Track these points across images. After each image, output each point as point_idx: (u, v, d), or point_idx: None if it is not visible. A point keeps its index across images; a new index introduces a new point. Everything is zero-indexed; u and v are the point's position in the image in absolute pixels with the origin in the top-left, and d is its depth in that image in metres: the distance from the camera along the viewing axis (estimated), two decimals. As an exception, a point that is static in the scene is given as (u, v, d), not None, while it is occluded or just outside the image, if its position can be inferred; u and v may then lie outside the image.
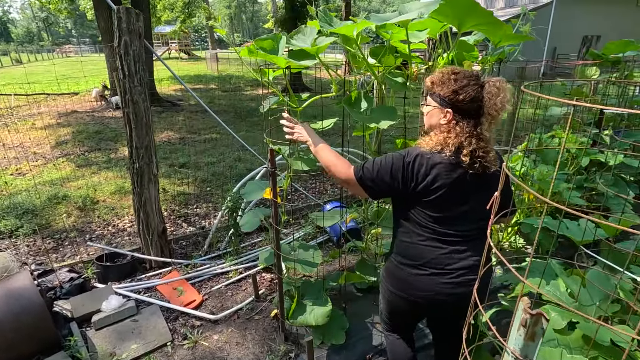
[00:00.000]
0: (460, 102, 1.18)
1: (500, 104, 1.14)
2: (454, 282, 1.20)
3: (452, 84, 1.19)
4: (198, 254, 2.97)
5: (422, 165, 1.18)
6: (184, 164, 5.58)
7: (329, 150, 1.39)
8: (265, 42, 1.48)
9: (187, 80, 13.77)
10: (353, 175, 1.27)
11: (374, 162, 1.26)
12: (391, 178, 1.22)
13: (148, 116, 2.52)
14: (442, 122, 1.23)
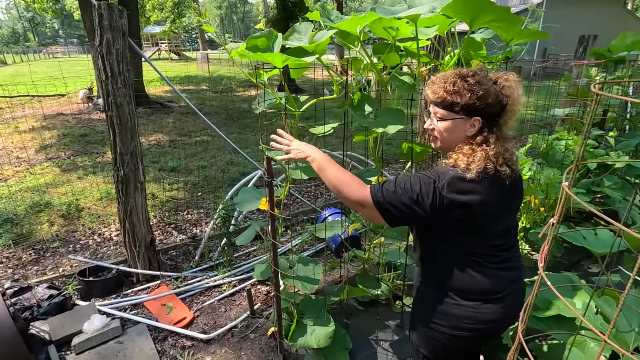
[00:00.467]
0: (490, 106, 1.05)
1: (519, 98, 1.06)
2: (517, 303, 1.12)
3: (477, 89, 1.04)
4: (189, 266, 2.80)
5: (460, 190, 1.00)
6: (174, 168, 5.38)
7: (336, 166, 1.15)
8: (259, 40, 1.34)
9: (177, 82, 13.51)
10: (369, 197, 1.05)
11: (396, 182, 1.06)
12: (417, 204, 1.01)
13: (133, 120, 2.35)
14: (468, 133, 1.08)
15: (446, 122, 1.09)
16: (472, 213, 1.01)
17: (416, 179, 1.04)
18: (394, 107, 1.58)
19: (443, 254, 1.12)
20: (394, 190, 1.04)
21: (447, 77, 1.08)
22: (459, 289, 1.10)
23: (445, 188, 1.00)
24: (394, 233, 2.16)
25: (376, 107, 1.58)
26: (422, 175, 1.05)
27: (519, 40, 1.67)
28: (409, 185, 1.03)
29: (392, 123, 1.47)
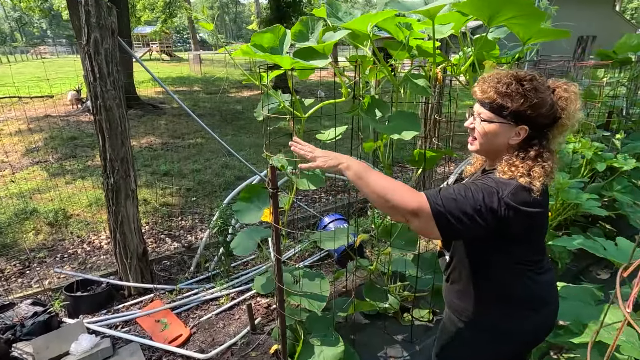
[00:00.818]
0: (542, 116, 0.96)
1: (577, 112, 0.98)
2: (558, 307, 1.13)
3: (532, 95, 0.95)
4: (184, 277, 2.66)
5: (524, 202, 0.92)
6: (167, 172, 5.22)
7: (376, 172, 1.00)
8: (265, 36, 1.21)
9: (169, 83, 13.28)
10: (426, 205, 0.90)
11: (455, 190, 0.93)
12: (479, 214, 0.90)
13: (124, 124, 2.21)
14: (512, 141, 0.99)
15: (490, 125, 1.00)
16: (533, 224, 0.97)
17: (477, 188, 0.93)
18: (407, 111, 1.47)
19: (498, 267, 1.05)
20: (454, 198, 0.91)
21: (501, 77, 0.98)
22: (514, 300, 1.06)
23: (510, 199, 0.91)
24: (402, 242, 2.06)
25: (388, 111, 1.47)
26: (483, 185, 0.94)
27: (538, 39, 1.58)
28: (470, 194, 0.91)
29: (407, 128, 1.36)
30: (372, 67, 1.69)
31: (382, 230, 2.08)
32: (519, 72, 0.99)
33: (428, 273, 2.10)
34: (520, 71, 1.00)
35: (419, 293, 2.15)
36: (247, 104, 10.36)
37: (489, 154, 1.06)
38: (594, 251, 1.61)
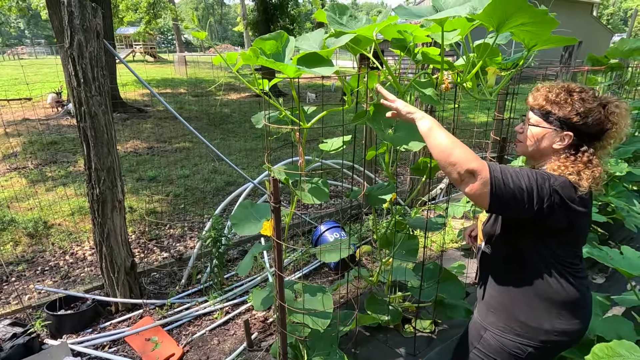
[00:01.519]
0: (588, 126, 1.02)
1: (625, 127, 1.03)
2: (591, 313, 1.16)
3: (578, 105, 1.02)
4: (174, 291, 2.54)
5: (570, 197, 0.98)
6: (154, 178, 5.06)
7: (446, 131, 1.03)
8: (267, 43, 1.14)
9: (153, 85, 13.00)
10: (485, 167, 0.94)
11: (512, 169, 0.98)
12: (530, 193, 0.95)
13: (110, 132, 2.09)
14: (556, 146, 1.06)
15: (537, 129, 1.08)
16: (574, 223, 1.00)
17: (532, 172, 0.98)
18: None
19: (535, 260, 1.08)
20: (512, 173, 0.96)
21: (553, 87, 1.07)
22: (550, 298, 1.08)
23: (559, 188, 0.97)
24: (403, 252, 2.00)
25: (393, 120, 1.41)
26: (537, 171, 0.99)
27: (543, 46, 1.54)
28: (525, 173, 0.97)
29: (414, 139, 1.31)
30: (373, 72, 1.63)
31: (383, 240, 2.02)
32: (570, 84, 1.07)
33: (430, 283, 2.06)
34: (572, 83, 1.07)
35: (421, 304, 2.10)
36: (235, 107, 10.22)
37: (534, 156, 1.12)
38: (602, 261, 1.59)
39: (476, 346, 1.21)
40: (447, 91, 1.44)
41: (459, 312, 2.00)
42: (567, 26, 7.29)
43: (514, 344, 1.12)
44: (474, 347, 1.22)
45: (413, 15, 1.21)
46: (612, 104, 1.03)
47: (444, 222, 1.80)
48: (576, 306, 1.10)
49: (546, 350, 1.12)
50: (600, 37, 21.67)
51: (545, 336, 1.10)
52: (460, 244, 3.09)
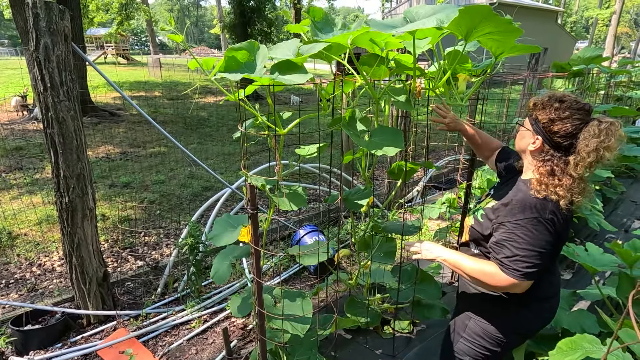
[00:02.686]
0: (553, 133, 1.08)
1: (594, 146, 1.00)
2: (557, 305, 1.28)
3: (551, 111, 1.09)
4: (150, 300, 2.47)
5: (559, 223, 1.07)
6: (128, 184, 4.91)
7: (468, 258, 1.18)
8: (239, 52, 1.13)
9: (126, 88, 12.62)
10: (515, 282, 1.07)
11: (518, 247, 1.07)
12: (545, 250, 1.07)
13: (80, 138, 2.02)
14: (530, 148, 1.14)
15: (522, 128, 1.19)
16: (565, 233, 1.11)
17: (528, 231, 1.06)
18: (391, 127, 1.44)
19: None
20: (523, 256, 1.06)
21: (550, 94, 1.14)
22: (539, 294, 1.19)
23: (555, 219, 1.06)
24: (381, 254, 2.03)
25: (369, 126, 1.44)
26: (529, 220, 1.06)
27: (510, 54, 1.61)
28: (532, 241, 1.06)
29: (389, 144, 1.33)
30: (348, 78, 1.66)
31: (361, 243, 2.05)
32: (563, 93, 1.12)
33: (408, 284, 2.10)
34: (567, 94, 1.11)
35: (399, 305, 2.14)
36: (212, 111, 10.07)
37: (520, 153, 1.23)
38: (570, 256, 1.67)
39: (462, 335, 1.32)
40: (420, 97, 1.49)
41: (435, 312, 2.05)
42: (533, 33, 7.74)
43: (495, 329, 1.25)
44: (460, 336, 1.33)
45: (386, 27, 1.24)
46: (596, 120, 1.03)
47: (420, 226, 1.84)
48: (550, 298, 1.23)
49: (524, 334, 1.28)
50: (565, 44, 22.81)
51: (522, 324, 1.23)
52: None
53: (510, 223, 1.08)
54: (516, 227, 1.07)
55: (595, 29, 37.81)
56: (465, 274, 1.15)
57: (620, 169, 4.73)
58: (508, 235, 1.08)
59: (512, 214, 1.09)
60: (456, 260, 1.18)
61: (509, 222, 1.09)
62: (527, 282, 1.07)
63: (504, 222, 1.11)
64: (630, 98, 5.61)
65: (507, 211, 1.11)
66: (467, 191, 2.39)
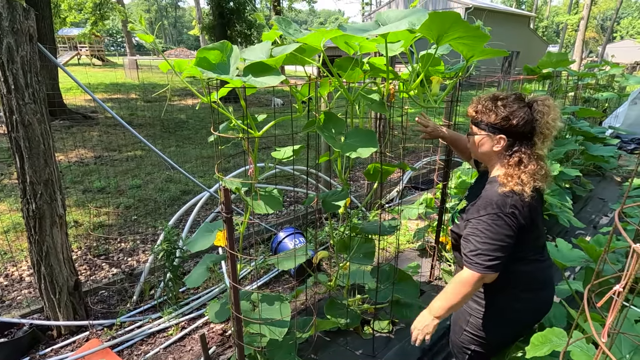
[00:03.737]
0: (515, 127, 1.16)
1: (552, 122, 1.15)
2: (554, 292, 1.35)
3: (501, 110, 1.17)
4: (125, 309, 2.40)
5: (522, 214, 1.15)
6: (102, 189, 4.76)
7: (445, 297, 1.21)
8: (212, 53, 1.12)
9: (102, 90, 12.25)
10: (481, 277, 1.15)
11: (480, 242, 1.14)
12: (507, 243, 1.14)
13: (48, 141, 1.94)
14: (495, 149, 1.21)
15: (476, 137, 1.24)
16: (533, 222, 1.18)
17: (489, 226, 1.13)
18: (363, 128, 1.46)
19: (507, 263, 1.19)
20: (485, 250, 1.13)
21: (482, 98, 1.23)
22: (521, 285, 1.26)
23: (509, 209, 1.13)
24: (360, 255, 2.05)
25: (344, 128, 1.45)
26: (492, 216, 1.13)
27: (479, 57, 1.66)
28: (492, 235, 1.13)
29: (363, 145, 1.35)
30: (324, 80, 1.66)
31: (340, 244, 2.05)
32: (496, 93, 1.22)
33: (387, 284, 2.12)
34: (498, 92, 1.22)
35: (378, 305, 2.16)
36: (191, 113, 9.89)
37: (483, 160, 1.30)
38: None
39: (465, 328, 1.39)
40: (394, 100, 1.51)
41: (414, 311, 2.07)
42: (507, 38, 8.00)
43: (492, 324, 1.32)
44: (464, 329, 1.40)
45: (358, 31, 1.25)
46: (538, 101, 1.17)
47: (397, 226, 1.87)
48: (543, 285, 1.29)
49: (519, 326, 1.35)
50: (537, 48, 23.66)
51: (513, 315, 1.31)
52: (416, 244, 3.21)
53: (475, 219, 1.17)
54: (478, 222, 1.15)
55: (565, 34, 39.47)
56: (455, 300, 1.18)
57: (588, 167, 4.93)
58: (472, 231, 1.16)
59: (477, 211, 1.17)
60: (442, 303, 1.20)
61: (474, 218, 1.17)
62: (492, 274, 1.15)
63: (470, 219, 1.19)
64: (597, 100, 5.88)
65: (473, 209, 1.20)
66: (443, 191, 2.44)
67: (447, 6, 20.53)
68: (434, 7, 21.24)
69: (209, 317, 1.71)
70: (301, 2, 24.26)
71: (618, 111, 6.95)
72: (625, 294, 0.55)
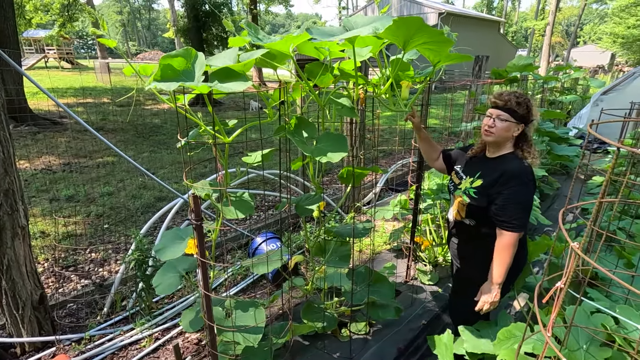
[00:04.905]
0: (530, 119, 1.52)
1: (539, 117, 1.59)
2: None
3: (526, 105, 1.50)
4: (95, 322, 2.31)
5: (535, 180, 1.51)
6: (71, 197, 4.57)
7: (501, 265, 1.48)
8: (175, 60, 1.11)
9: (70, 94, 11.79)
10: (520, 233, 1.47)
11: (526, 207, 1.47)
12: (531, 205, 1.50)
13: (7, 149, 1.85)
14: (514, 134, 1.53)
15: (506, 123, 1.50)
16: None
17: (520, 192, 1.44)
18: (334, 132, 1.47)
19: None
20: (519, 212, 1.45)
21: (513, 93, 1.53)
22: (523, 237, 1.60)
23: (531, 177, 1.48)
24: (336, 258, 2.06)
25: (314, 132, 1.46)
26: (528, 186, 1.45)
27: (446, 62, 1.72)
28: (523, 199, 1.45)
29: (334, 150, 1.36)
30: (296, 85, 1.67)
31: (316, 248, 2.06)
32: (516, 91, 1.55)
33: (362, 286, 2.14)
34: (518, 90, 1.59)
35: (355, 307, 2.17)
36: (165, 117, 9.68)
37: (499, 141, 1.54)
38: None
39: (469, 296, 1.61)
40: (364, 104, 1.53)
41: (390, 312, 2.10)
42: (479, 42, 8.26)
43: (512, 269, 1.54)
44: (468, 297, 1.61)
45: (325, 36, 1.27)
46: (530, 101, 1.55)
47: (370, 228, 1.89)
48: (523, 245, 1.59)
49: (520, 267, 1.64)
50: (507, 52, 24.58)
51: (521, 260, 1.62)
52: (392, 245, 3.26)
53: (507, 190, 1.44)
54: (511, 192, 1.43)
55: (533, 39, 41.20)
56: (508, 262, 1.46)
57: (555, 167, 5.16)
58: (506, 200, 1.44)
59: (506, 183, 1.45)
60: (500, 270, 1.47)
61: (506, 189, 1.45)
62: (523, 231, 1.48)
63: (501, 191, 1.45)
64: (562, 102, 6.16)
65: (502, 182, 1.46)
66: (416, 192, 2.49)
67: (422, 11, 21.04)
68: (408, 12, 21.71)
69: (183, 327, 1.67)
70: (278, 5, 24.23)
71: (581, 112, 7.31)
72: (565, 289, 0.58)
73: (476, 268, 1.64)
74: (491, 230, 1.54)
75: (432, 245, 2.92)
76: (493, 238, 1.53)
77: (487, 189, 1.51)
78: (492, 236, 1.53)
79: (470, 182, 1.59)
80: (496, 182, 1.49)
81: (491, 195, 1.50)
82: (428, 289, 2.66)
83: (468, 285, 1.67)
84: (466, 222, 1.62)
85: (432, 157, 1.90)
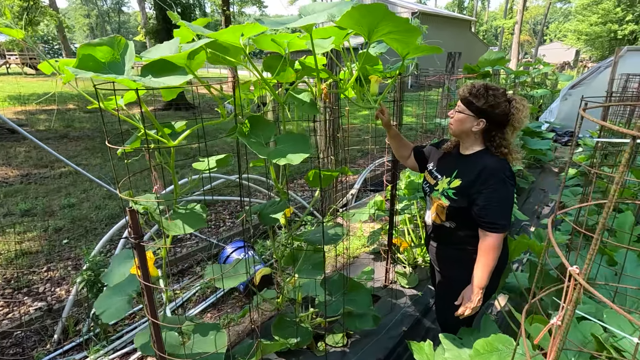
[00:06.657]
0: (495, 115, 1.36)
1: (524, 118, 1.38)
2: None
3: (490, 99, 1.35)
4: (44, 350, 2.08)
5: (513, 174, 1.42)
6: (28, 211, 4.24)
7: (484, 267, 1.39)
8: (99, 49, 0.94)
9: (34, 100, 11.17)
10: (502, 233, 1.36)
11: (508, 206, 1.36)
12: (512, 202, 1.40)
13: None
14: (474, 129, 1.41)
15: (461, 115, 1.41)
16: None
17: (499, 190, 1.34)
18: (296, 132, 1.33)
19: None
20: (502, 211, 1.35)
21: (477, 84, 1.39)
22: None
23: (511, 173, 1.39)
24: (309, 267, 1.92)
25: (273, 132, 1.32)
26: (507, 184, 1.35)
27: (415, 55, 1.60)
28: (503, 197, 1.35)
29: (295, 151, 1.22)
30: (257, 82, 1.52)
31: (287, 257, 1.91)
32: (488, 84, 1.39)
33: (337, 296, 2.00)
34: (491, 83, 1.40)
35: (330, 318, 2.04)
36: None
37: (461, 136, 1.47)
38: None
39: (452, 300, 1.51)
40: (327, 100, 1.40)
41: (367, 322, 1.98)
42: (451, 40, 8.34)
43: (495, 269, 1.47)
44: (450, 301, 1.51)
45: (278, 24, 1.13)
46: (516, 100, 1.39)
47: (343, 234, 1.76)
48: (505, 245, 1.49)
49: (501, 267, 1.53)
50: (478, 49, 25.15)
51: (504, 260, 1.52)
52: (370, 248, 3.15)
53: (486, 189, 1.35)
54: (491, 191, 1.34)
55: (503, 37, 42.48)
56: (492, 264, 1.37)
57: (529, 161, 5.21)
58: (487, 201, 1.34)
59: (485, 182, 1.35)
60: (483, 273, 1.38)
61: (485, 188, 1.35)
62: (507, 231, 1.40)
63: (481, 190, 1.36)
64: (533, 96, 6.26)
65: (481, 181, 1.36)
66: (392, 193, 2.38)
67: (395, 11, 21.22)
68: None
69: (139, 349, 1.49)
70: (252, 7, 23.92)
71: (552, 107, 7.47)
72: (564, 327, 0.46)
73: (458, 271, 1.54)
74: (473, 232, 1.45)
75: (411, 246, 2.82)
76: (475, 239, 1.43)
77: (466, 189, 1.41)
78: (474, 237, 1.44)
79: (448, 183, 1.47)
80: (475, 182, 1.38)
81: (471, 195, 1.39)
82: (408, 293, 2.56)
83: (450, 290, 1.57)
84: (446, 225, 1.52)
85: (404, 154, 1.80)
